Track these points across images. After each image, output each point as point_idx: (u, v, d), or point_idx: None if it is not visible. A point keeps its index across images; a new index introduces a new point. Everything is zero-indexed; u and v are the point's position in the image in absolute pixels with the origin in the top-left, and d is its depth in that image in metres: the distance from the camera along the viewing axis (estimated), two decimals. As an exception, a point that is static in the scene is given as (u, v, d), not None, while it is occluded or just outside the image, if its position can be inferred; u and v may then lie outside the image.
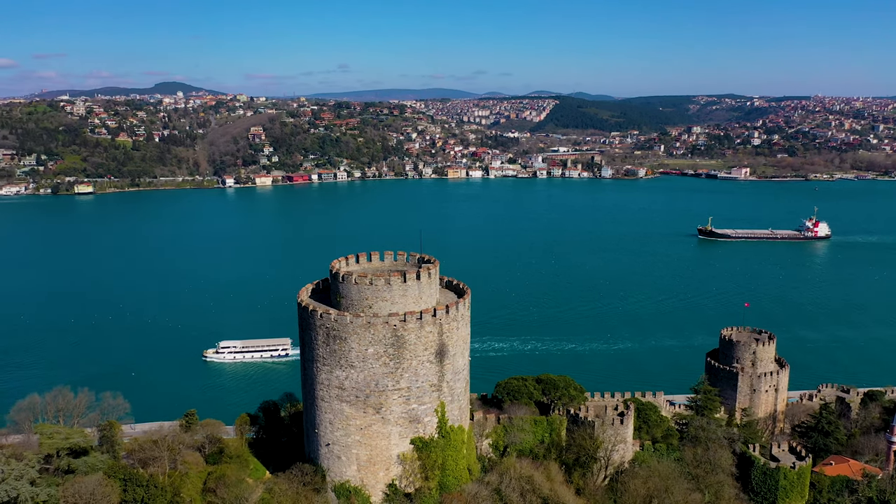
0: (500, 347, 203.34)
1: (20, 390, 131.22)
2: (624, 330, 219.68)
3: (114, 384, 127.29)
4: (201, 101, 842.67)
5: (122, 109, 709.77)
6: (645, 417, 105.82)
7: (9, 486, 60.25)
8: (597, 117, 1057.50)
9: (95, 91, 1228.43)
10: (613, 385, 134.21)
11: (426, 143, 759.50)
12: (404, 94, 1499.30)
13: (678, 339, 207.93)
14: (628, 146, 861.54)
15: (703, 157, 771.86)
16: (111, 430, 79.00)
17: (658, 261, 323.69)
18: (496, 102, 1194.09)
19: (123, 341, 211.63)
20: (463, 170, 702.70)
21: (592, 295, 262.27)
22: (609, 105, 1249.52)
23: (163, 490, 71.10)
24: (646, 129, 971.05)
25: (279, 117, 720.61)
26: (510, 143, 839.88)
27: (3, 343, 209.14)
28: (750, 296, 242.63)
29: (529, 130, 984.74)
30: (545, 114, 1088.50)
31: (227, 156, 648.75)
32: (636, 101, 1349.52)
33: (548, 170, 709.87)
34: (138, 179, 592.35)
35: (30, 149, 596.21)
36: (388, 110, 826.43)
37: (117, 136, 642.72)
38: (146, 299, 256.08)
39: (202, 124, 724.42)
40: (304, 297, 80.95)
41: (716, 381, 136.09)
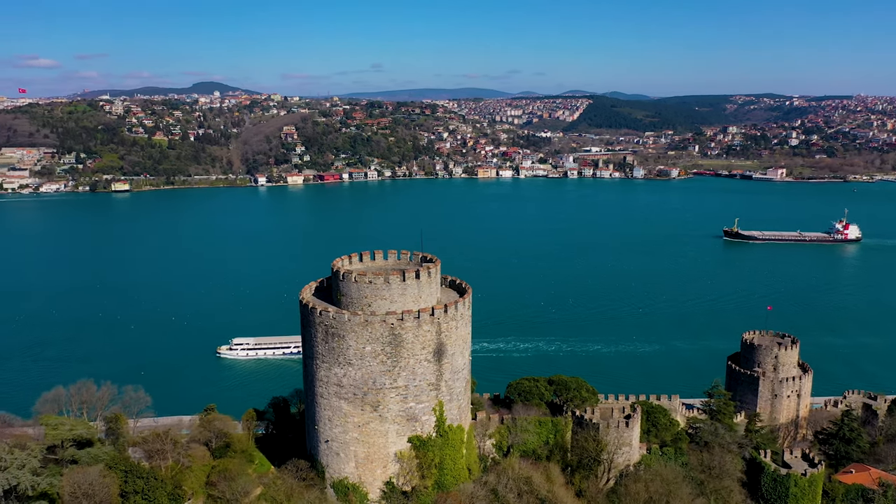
0: (515, 348, 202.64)
1: (47, 382, 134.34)
2: (642, 332, 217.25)
3: (135, 378, 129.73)
4: (236, 100, 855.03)
5: (158, 109, 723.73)
6: (654, 421, 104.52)
7: (10, 474, 61.92)
8: (631, 117, 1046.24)
9: (135, 91, 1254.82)
10: (628, 387, 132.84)
11: (457, 143, 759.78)
12: (437, 93, 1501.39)
13: (698, 341, 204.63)
14: (662, 146, 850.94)
15: (738, 158, 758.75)
16: (117, 422, 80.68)
17: (681, 262, 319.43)
18: (529, 102, 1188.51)
19: (145, 336, 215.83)
20: (493, 169, 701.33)
21: (612, 296, 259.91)
22: (644, 105, 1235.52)
23: (162, 482, 72.34)
24: (681, 129, 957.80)
25: (311, 117, 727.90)
26: (542, 142, 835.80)
27: (38, 336, 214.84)
28: (774, 299, 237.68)
29: (562, 130, 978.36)
30: (578, 113, 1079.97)
31: (260, 155, 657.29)
32: (671, 101, 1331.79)
33: (579, 170, 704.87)
34: (173, 178, 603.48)
35: (69, 147, 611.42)
36: (420, 110, 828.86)
37: (154, 135, 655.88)
38: (169, 295, 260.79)
39: (236, 123, 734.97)
40: (306, 295, 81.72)
41: (736, 386, 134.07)
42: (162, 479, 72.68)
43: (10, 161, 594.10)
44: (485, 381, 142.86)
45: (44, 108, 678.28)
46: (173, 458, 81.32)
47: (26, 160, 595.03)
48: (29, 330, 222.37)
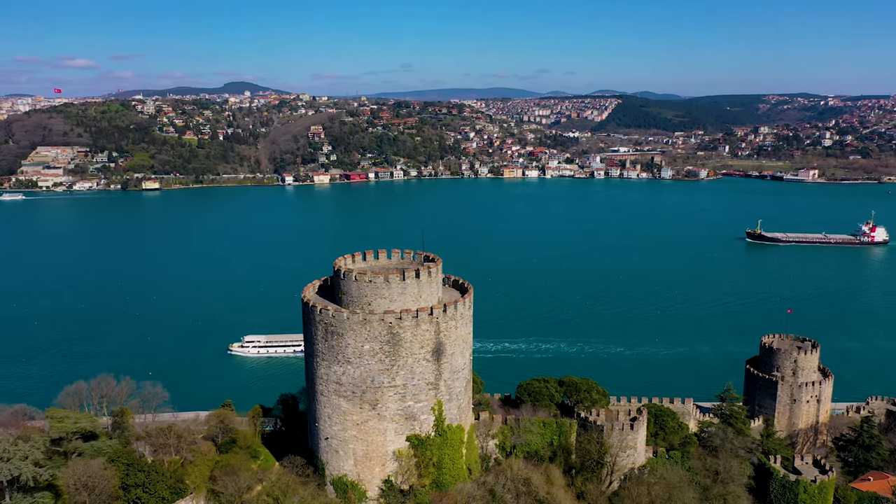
0: (529, 348, 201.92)
1: (71, 376, 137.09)
2: (659, 334, 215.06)
3: (153, 374, 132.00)
4: (266, 100, 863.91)
5: (189, 109, 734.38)
6: (662, 424, 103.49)
7: (13, 465, 63.40)
8: (660, 117, 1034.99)
9: (168, 91, 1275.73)
10: (641, 390, 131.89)
11: (483, 143, 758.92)
12: (466, 93, 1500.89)
13: (716, 344, 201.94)
14: (691, 146, 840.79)
15: (769, 159, 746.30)
16: (123, 416, 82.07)
17: (702, 264, 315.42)
18: (557, 102, 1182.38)
19: (164, 332, 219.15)
20: (519, 169, 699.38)
21: (631, 297, 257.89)
22: (674, 104, 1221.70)
23: (163, 476, 73.46)
24: (711, 129, 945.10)
25: (339, 116, 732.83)
26: (569, 142, 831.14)
27: (66, 332, 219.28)
28: (795, 302, 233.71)
29: (590, 130, 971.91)
30: (607, 113, 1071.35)
31: (288, 154, 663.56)
32: (703, 101, 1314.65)
33: (605, 170, 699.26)
34: (202, 176, 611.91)
35: (102, 146, 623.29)
36: (447, 109, 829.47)
37: (184, 135, 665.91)
38: (187, 292, 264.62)
39: (265, 123, 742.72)
40: (309, 293, 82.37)
41: (755, 390, 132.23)
42: (163, 473, 73.81)
43: (45, 159, 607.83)
44: (495, 381, 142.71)
45: (78, 108, 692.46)
46: (177, 453, 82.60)
47: (60, 159, 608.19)
48: (58, 325, 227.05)
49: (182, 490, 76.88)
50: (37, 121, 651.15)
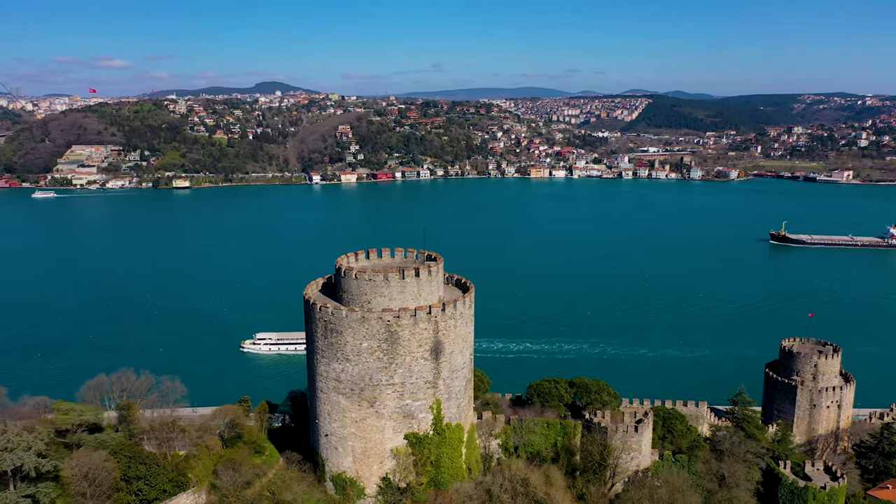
0: (543, 348, 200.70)
1: (93, 369, 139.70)
2: (677, 336, 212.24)
3: (171, 369, 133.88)
4: (295, 100, 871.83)
5: (219, 108, 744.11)
6: (670, 427, 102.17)
7: (16, 455, 64.98)
8: (691, 117, 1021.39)
9: (200, 91, 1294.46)
10: (654, 392, 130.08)
11: (511, 143, 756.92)
12: (496, 93, 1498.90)
13: (736, 348, 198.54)
14: (723, 147, 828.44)
15: (802, 159, 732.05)
16: (129, 410, 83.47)
17: (723, 266, 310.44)
18: (587, 101, 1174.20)
19: (182, 327, 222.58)
20: (546, 169, 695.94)
21: (649, 298, 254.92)
22: (706, 104, 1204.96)
23: (164, 469, 74.61)
24: (744, 129, 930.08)
25: (366, 116, 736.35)
26: (598, 142, 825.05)
27: (93, 327, 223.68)
28: (817, 306, 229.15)
29: (620, 130, 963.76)
30: (637, 113, 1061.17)
31: (315, 153, 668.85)
32: (736, 101, 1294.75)
33: (634, 170, 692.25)
34: (231, 175, 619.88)
35: (135, 145, 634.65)
36: (475, 109, 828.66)
37: (214, 134, 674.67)
38: (206, 289, 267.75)
39: (294, 122, 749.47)
40: (311, 291, 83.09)
41: (774, 394, 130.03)
42: (164, 466, 74.96)
43: (80, 158, 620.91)
44: (508, 381, 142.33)
45: (112, 108, 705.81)
46: (180, 447, 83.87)
47: (94, 157, 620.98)
48: (86, 320, 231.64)
49: (184, 483, 78.00)
50: (72, 120, 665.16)
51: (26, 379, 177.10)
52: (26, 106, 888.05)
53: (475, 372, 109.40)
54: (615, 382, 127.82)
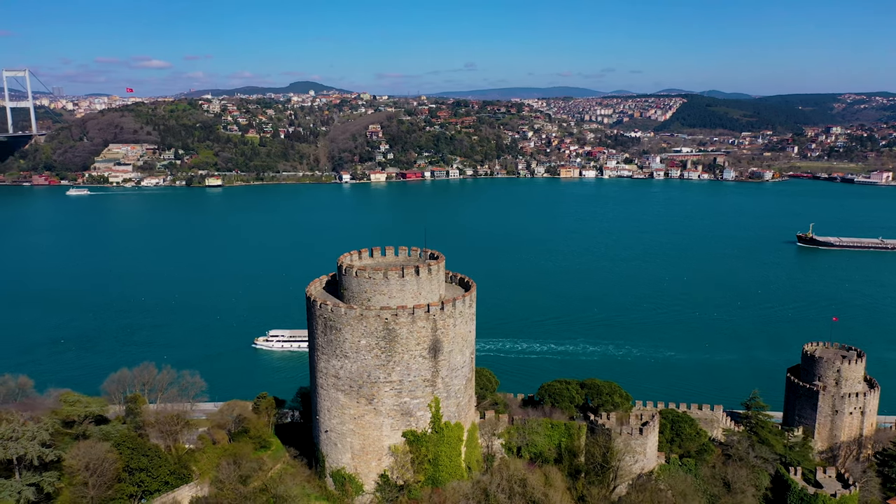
0: (557, 349, 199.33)
1: (117, 363, 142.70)
2: (696, 338, 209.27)
3: (190, 363, 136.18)
4: (327, 99, 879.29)
5: (252, 108, 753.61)
6: (678, 430, 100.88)
7: (20, 444, 66.83)
8: (727, 116, 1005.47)
9: (236, 90, 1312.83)
10: (669, 395, 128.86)
11: (541, 142, 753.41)
12: (529, 92, 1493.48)
13: (757, 351, 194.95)
14: (758, 147, 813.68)
15: (840, 160, 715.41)
16: (135, 403, 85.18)
17: (748, 268, 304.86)
18: (620, 101, 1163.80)
19: (202, 323, 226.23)
20: (576, 169, 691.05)
21: (670, 300, 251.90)
22: (742, 104, 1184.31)
23: (166, 461, 76.01)
24: (780, 129, 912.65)
25: (397, 115, 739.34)
26: (630, 142, 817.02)
27: (120, 321, 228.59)
28: (842, 310, 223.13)
29: (653, 130, 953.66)
30: (671, 113, 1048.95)
31: (346, 152, 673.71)
32: (773, 100, 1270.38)
33: (666, 171, 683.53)
34: (262, 174, 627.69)
35: (169, 144, 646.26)
36: (506, 108, 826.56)
37: (247, 133, 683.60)
38: (224, 285, 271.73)
39: (325, 122, 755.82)
40: (314, 289, 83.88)
41: (795, 399, 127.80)
42: (166, 459, 76.36)
43: (116, 156, 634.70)
44: (519, 381, 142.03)
45: (148, 107, 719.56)
46: (186, 440, 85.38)
47: (130, 156, 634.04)
48: (113, 315, 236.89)
49: (186, 476, 79.39)
50: (110, 119, 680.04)
51: (57, 372, 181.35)
52: (67, 105, 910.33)
53: (482, 371, 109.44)
54: (629, 384, 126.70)
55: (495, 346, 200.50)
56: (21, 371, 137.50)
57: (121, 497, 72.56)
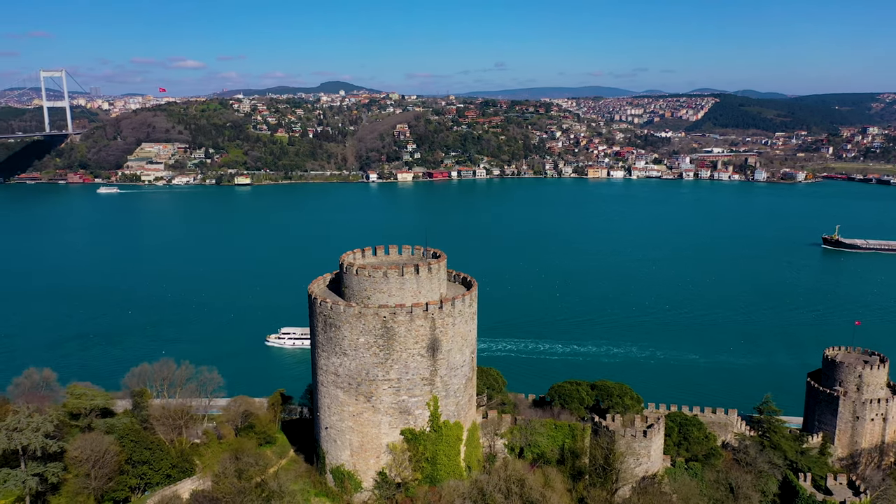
0: (569, 350, 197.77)
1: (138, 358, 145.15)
2: (714, 341, 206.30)
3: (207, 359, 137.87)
4: (356, 99, 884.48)
5: (282, 107, 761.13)
6: (686, 433, 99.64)
7: (24, 435, 68.36)
8: (760, 116, 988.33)
9: (267, 90, 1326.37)
10: (682, 398, 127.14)
11: (569, 142, 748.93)
12: (559, 92, 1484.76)
13: (777, 355, 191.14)
14: (791, 148, 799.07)
15: (877, 161, 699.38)
16: (142, 397, 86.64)
17: (771, 270, 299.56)
18: (651, 101, 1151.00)
19: (216, 319, 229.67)
20: (604, 169, 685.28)
21: (690, 303, 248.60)
22: (777, 103, 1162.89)
23: (168, 455, 77.20)
24: (815, 129, 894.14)
25: (425, 115, 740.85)
26: (660, 142, 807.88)
27: (145, 317, 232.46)
28: (865, 314, 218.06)
29: (684, 130, 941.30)
30: (703, 113, 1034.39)
31: (373, 152, 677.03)
32: (809, 100, 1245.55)
33: (695, 171, 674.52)
34: (290, 173, 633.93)
35: (200, 143, 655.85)
36: (534, 108, 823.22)
37: (276, 132, 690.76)
38: (243, 281, 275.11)
39: (354, 121, 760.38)
40: (316, 286, 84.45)
41: (815, 405, 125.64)
42: (168, 452, 77.56)
43: (149, 155, 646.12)
44: (531, 382, 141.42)
45: (180, 107, 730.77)
46: (191, 435, 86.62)
47: (162, 154, 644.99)
48: (140, 310, 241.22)
49: (189, 470, 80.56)
50: (143, 119, 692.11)
51: (84, 365, 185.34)
52: (103, 105, 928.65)
53: (489, 371, 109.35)
54: (642, 386, 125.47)
55: (510, 346, 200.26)
56: (50, 364, 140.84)
57: (122, 489, 73.94)
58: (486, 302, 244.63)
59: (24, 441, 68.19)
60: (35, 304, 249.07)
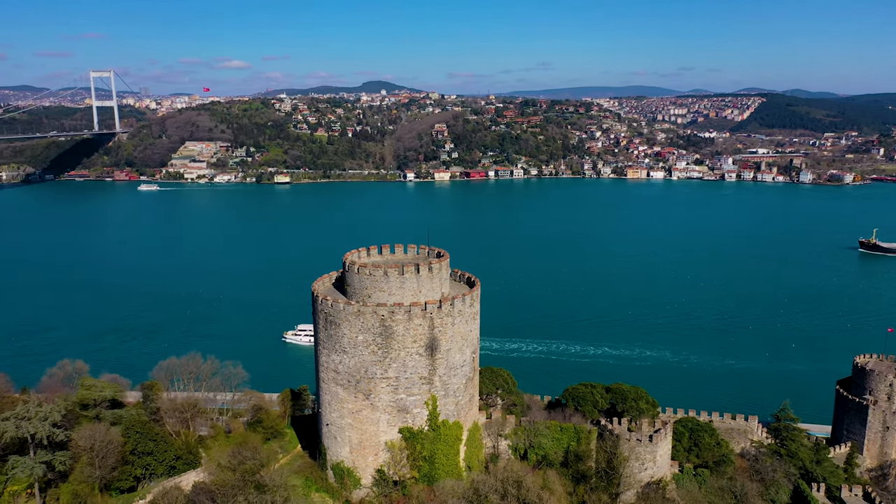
0: (588, 352, 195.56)
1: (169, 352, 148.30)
2: (739, 346, 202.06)
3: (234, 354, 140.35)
4: (396, 98, 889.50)
5: (322, 107, 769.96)
6: (697, 439, 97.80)
7: (31, 424, 70.76)
8: (808, 117, 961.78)
9: (310, 90, 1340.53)
10: (701, 404, 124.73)
11: (609, 142, 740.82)
12: (602, 91, 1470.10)
13: (805, 362, 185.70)
14: (840, 149, 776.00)
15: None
16: (152, 390, 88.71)
17: (802, 274, 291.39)
18: (696, 100, 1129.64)
19: (241, 314, 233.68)
20: (644, 170, 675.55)
21: (717, 306, 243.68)
22: (827, 103, 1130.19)
23: (171, 447, 78.90)
24: (867, 129, 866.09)
25: (463, 115, 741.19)
26: (703, 143, 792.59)
27: (184, 313, 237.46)
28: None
29: (729, 130, 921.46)
30: (748, 113, 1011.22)
31: (411, 151, 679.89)
32: (861, 99, 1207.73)
33: (738, 172, 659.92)
34: (329, 171, 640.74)
35: (241, 142, 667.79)
36: (574, 108, 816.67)
37: (316, 132, 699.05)
38: (269, 277, 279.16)
39: (393, 121, 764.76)
40: (320, 285, 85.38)
41: (844, 414, 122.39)
42: (172, 445, 79.27)
43: (192, 153, 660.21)
44: (543, 384, 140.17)
45: (224, 106, 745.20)
46: (200, 428, 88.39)
47: (205, 153, 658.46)
48: (179, 305, 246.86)
49: (194, 462, 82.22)
50: (187, 118, 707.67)
51: (118, 359, 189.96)
52: (150, 105, 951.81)
53: (499, 371, 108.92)
54: (660, 391, 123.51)
55: (531, 346, 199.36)
56: (88, 357, 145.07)
57: (127, 478, 75.86)
58: (508, 302, 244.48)
59: (31, 430, 70.53)
60: (79, 297, 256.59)
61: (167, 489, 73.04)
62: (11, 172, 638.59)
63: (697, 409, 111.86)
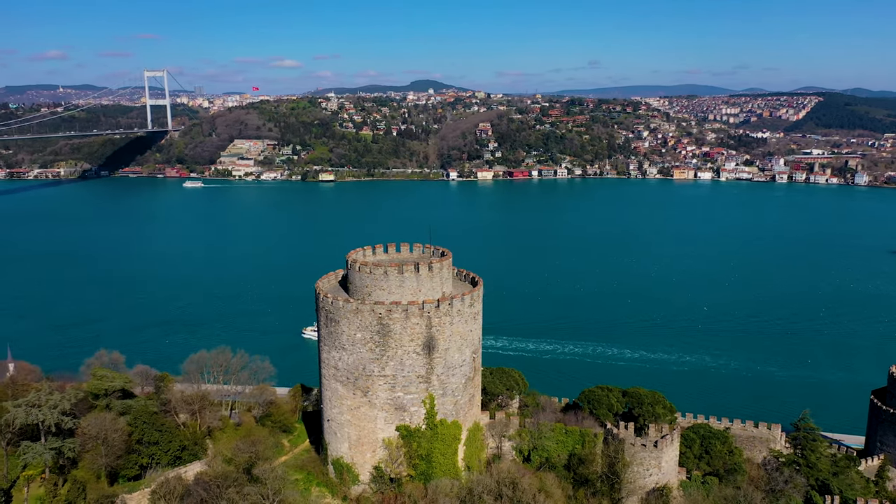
0: (613, 355, 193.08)
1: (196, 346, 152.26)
2: (769, 352, 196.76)
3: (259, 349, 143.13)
4: (442, 97, 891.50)
5: (368, 105, 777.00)
6: (707, 446, 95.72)
7: (41, 412, 73.63)
8: (868, 116, 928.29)
9: (359, 89, 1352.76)
10: (722, 410, 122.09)
11: (657, 142, 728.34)
12: (652, 90, 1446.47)
13: (838, 370, 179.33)
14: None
15: None
16: (163, 381, 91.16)
17: (841, 278, 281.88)
18: (749, 100, 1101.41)
19: (271, 310, 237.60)
20: (691, 171, 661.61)
21: (748, 310, 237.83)
22: (889, 102, 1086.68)
23: (177, 437, 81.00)
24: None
25: (508, 114, 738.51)
26: (755, 143, 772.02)
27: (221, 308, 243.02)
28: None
29: (783, 130, 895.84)
30: (804, 112, 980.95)
31: (455, 150, 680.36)
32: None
33: (789, 174, 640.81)
34: (373, 170, 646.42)
35: (288, 140, 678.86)
36: (622, 107, 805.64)
37: (361, 130, 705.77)
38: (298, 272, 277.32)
39: (438, 120, 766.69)
40: (326, 281, 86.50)
41: (877, 424, 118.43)
42: (178, 435, 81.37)
43: (240, 151, 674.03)
44: (561, 386, 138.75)
45: (272, 105, 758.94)
46: (211, 421, 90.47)
47: (252, 151, 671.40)
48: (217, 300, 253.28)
49: (197, 453, 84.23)
50: (236, 116, 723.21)
51: (158, 351, 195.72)
52: (203, 103, 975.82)
53: (510, 372, 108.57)
54: (680, 396, 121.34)
55: (552, 346, 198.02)
56: (128, 349, 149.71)
57: (133, 467, 78.21)
58: (536, 302, 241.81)
59: (41, 417, 73.34)
60: (127, 289, 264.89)
61: (170, 479, 75.07)
62: (69, 168, 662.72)
63: (718, 416, 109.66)
